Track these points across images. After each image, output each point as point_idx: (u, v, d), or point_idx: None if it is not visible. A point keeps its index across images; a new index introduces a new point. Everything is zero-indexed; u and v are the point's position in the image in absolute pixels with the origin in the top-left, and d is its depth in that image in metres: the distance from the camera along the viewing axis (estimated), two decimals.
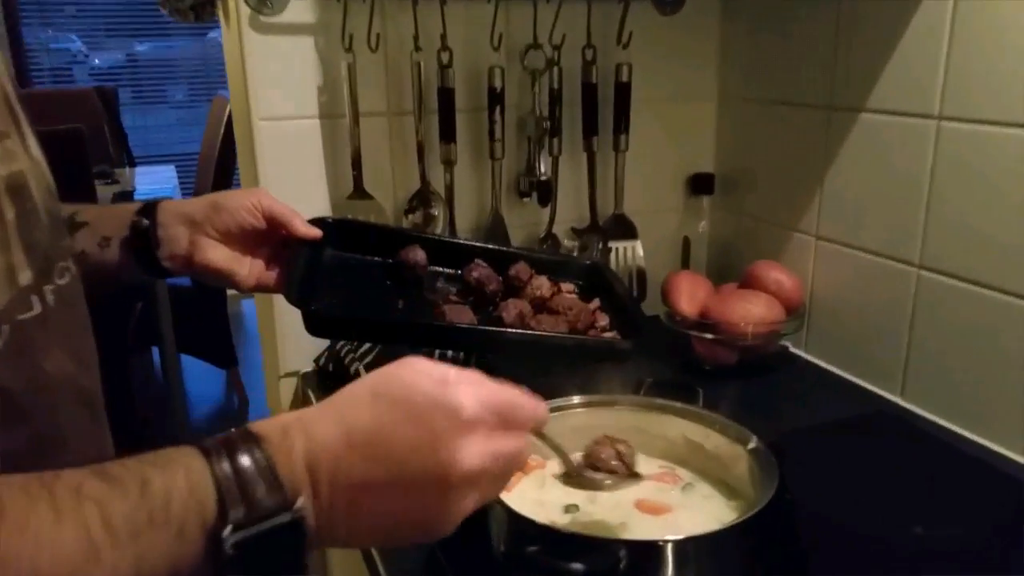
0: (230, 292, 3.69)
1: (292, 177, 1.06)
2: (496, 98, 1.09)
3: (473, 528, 0.63)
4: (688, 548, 0.57)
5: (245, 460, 0.41)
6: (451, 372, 0.46)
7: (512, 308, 0.81)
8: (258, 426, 0.43)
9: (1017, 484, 0.83)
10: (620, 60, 1.14)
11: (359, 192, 1.06)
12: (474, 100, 1.11)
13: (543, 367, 0.78)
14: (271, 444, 0.42)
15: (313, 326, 0.72)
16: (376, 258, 0.90)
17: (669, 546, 0.57)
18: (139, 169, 3.51)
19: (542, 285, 0.89)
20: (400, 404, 0.44)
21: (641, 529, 0.66)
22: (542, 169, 1.15)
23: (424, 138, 1.08)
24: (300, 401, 1.13)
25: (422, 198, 1.10)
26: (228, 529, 0.39)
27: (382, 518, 0.44)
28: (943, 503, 0.80)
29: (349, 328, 0.79)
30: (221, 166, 2.33)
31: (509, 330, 0.79)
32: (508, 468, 0.48)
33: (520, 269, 0.91)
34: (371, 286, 0.85)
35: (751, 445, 0.69)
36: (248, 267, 0.78)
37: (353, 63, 1.02)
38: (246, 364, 3.37)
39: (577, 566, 0.54)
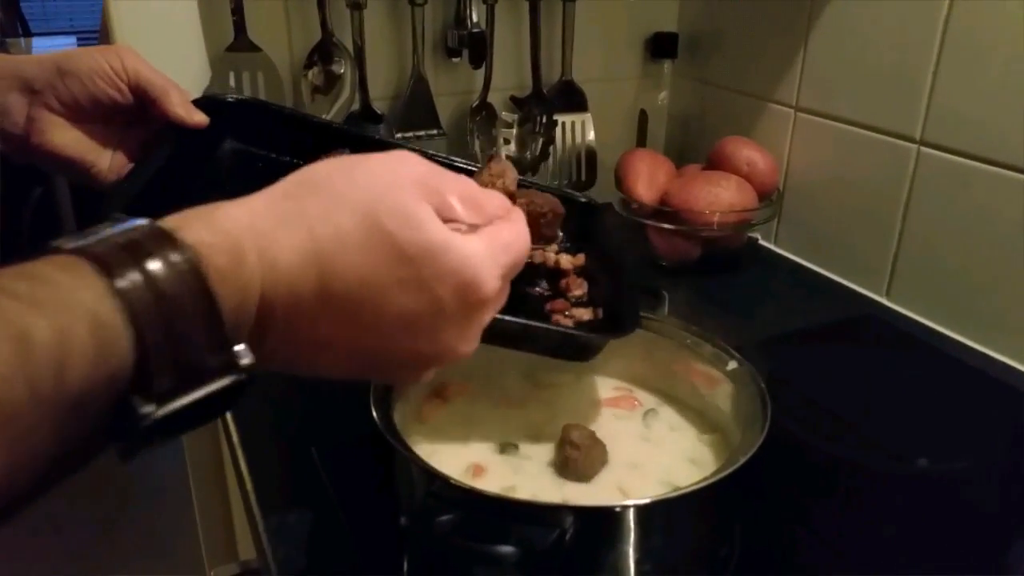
0: None
1: (155, 24, 0.83)
2: None
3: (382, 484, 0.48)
4: (657, 513, 0.42)
5: (174, 300, 0.27)
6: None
7: None
8: (187, 233, 0.29)
9: (1018, 395, 0.71)
10: None
11: (242, 42, 0.85)
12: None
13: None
14: (217, 271, 0.29)
15: None
16: (294, 160, 0.61)
17: (630, 511, 0.42)
18: (36, 41, 3.14)
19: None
20: (404, 257, 0.33)
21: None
22: (474, 19, 0.94)
23: None
24: None
25: (323, 52, 0.89)
26: (149, 407, 0.26)
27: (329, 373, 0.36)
28: (946, 427, 0.67)
29: None
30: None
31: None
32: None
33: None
34: (216, 182, 0.61)
35: (730, 367, 0.54)
36: (109, 157, 0.57)
37: None
38: None
39: (507, 549, 0.38)
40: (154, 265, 0.26)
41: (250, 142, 0.61)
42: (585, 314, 0.53)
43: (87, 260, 0.26)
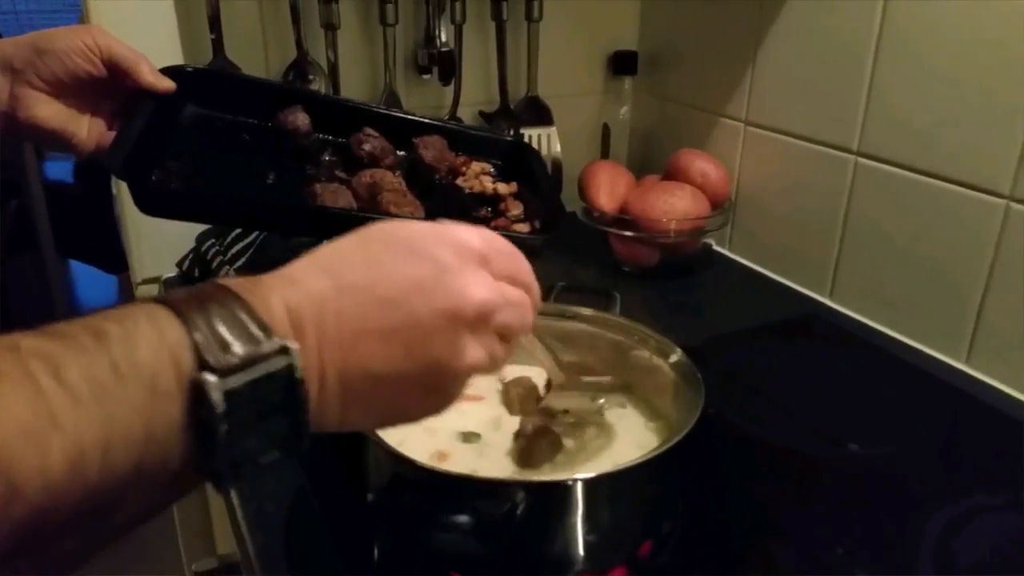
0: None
1: (134, 43, 0.87)
2: None
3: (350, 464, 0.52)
4: (601, 487, 0.48)
5: (215, 307, 0.31)
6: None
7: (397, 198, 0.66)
8: (221, 280, 0.33)
9: (953, 391, 0.77)
10: None
11: (220, 60, 0.89)
12: None
13: None
14: (243, 291, 0.32)
15: (143, 201, 0.57)
16: (250, 120, 0.72)
17: (579, 485, 0.47)
18: None
19: (462, 168, 0.74)
20: (397, 244, 0.37)
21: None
22: (443, 39, 1.00)
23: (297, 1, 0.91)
24: None
25: (299, 70, 0.94)
26: (213, 377, 0.29)
27: (382, 382, 0.35)
28: (878, 415, 0.73)
29: (189, 204, 0.62)
30: None
31: (385, 217, 0.64)
32: (519, 320, 0.39)
33: (429, 142, 0.73)
34: (238, 155, 0.68)
35: (673, 359, 0.59)
36: (87, 126, 0.62)
37: None
38: None
39: (463, 519, 0.43)
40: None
41: (211, 107, 0.69)
42: (524, 228, 0.67)
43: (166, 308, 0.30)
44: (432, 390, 0.37)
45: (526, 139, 1.09)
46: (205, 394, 0.29)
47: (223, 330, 0.30)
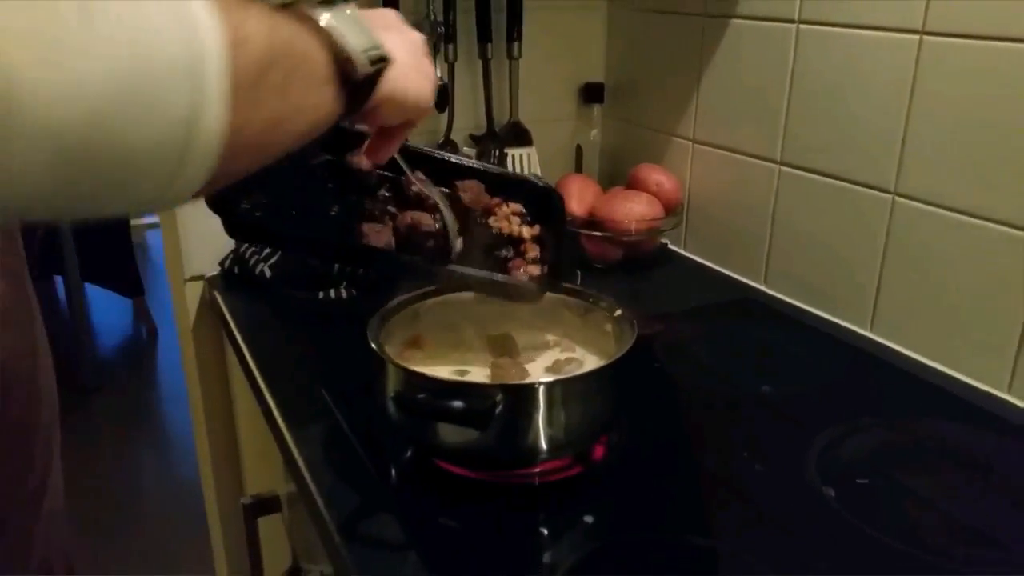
0: (134, 221, 3.59)
1: None
2: (390, 1, 1.12)
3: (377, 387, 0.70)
4: (556, 389, 0.66)
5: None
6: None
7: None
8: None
9: (857, 351, 0.95)
10: None
11: None
12: (367, 2, 1.14)
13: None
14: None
15: (229, 230, 0.73)
16: (324, 156, 0.82)
17: (540, 387, 0.65)
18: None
19: (495, 209, 0.83)
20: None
21: None
22: (438, 75, 1.19)
23: None
24: (208, 305, 1.16)
25: None
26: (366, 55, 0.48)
27: (411, 66, 0.58)
28: (791, 368, 0.92)
29: (263, 236, 0.79)
30: None
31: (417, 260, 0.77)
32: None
33: (468, 186, 0.82)
34: (310, 188, 0.81)
35: (616, 313, 0.77)
36: None
37: None
38: (153, 295, 3.32)
39: (457, 404, 0.61)
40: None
41: None
42: (535, 270, 0.78)
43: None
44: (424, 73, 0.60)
45: (509, 159, 1.28)
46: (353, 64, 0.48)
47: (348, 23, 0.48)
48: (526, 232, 0.80)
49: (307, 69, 0.44)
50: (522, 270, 0.78)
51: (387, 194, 0.82)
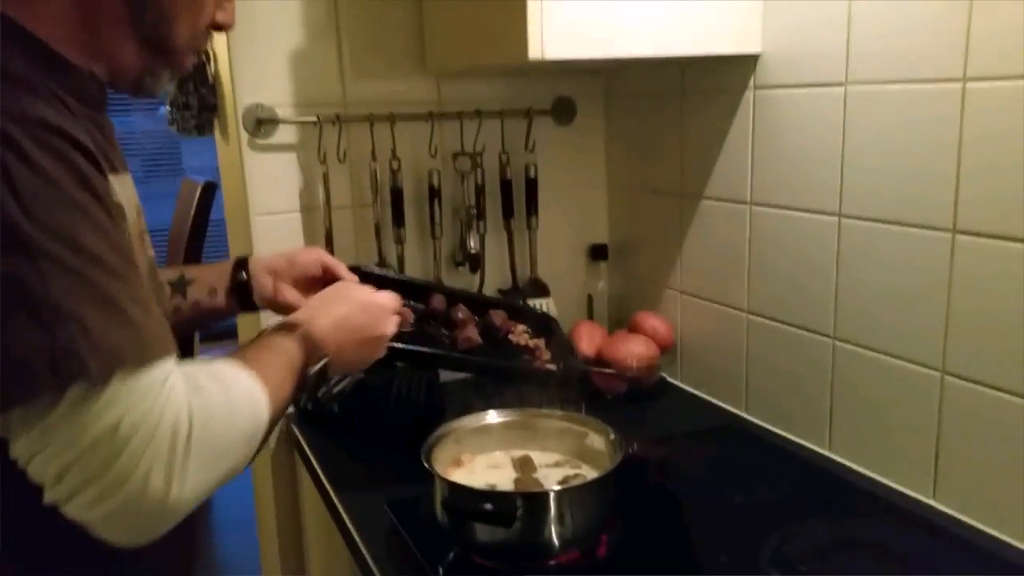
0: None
1: (281, 246, 1.36)
2: (435, 192, 1.43)
3: (425, 498, 0.93)
4: (564, 496, 0.89)
5: (307, 337, 0.83)
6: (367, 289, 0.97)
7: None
8: (303, 328, 0.84)
9: (814, 466, 1.16)
10: (528, 161, 1.49)
11: None
12: (418, 194, 1.45)
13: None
14: (310, 330, 0.84)
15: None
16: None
17: (551, 494, 0.88)
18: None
19: (512, 328, 1.20)
20: (354, 301, 0.94)
21: None
22: (472, 244, 1.48)
23: (380, 223, 1.41)
24: (285, 436, 1.41)
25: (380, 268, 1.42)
26: (311, 369, 0.82)
27: (353, 347, 0.91)
28: (761, 481, 1.13)
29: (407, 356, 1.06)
30: (192, 242, 2.60)
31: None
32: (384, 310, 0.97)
33: (498, 315, 1.20)
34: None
35: (612, 436, 1.01)
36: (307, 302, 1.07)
37: (327, 171, 1.35)
38: None
39: (489, 506, 0.85)
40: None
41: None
42: (552, 366, 1.11)
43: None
44: (371, 345, 0.93)
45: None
46: (306, 375, 0.81)
47: (314, 345, 0.82)
48: (532, 343, 1.17)
49: (294, 374, 0.80)
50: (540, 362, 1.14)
51: (437, 323, 1.17)
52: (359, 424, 1.31)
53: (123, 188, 0.74)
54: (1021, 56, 0.86)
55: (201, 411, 0.64)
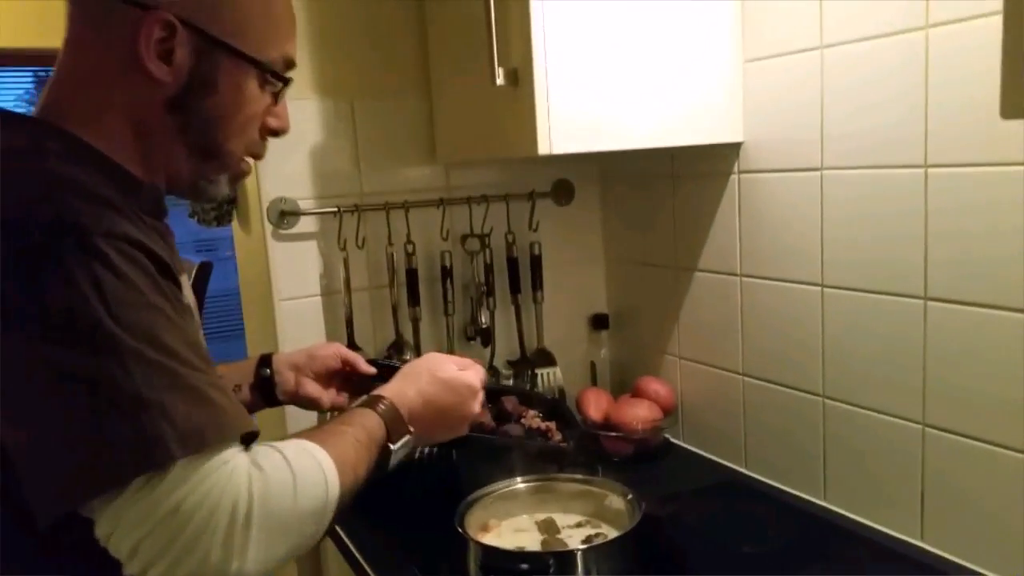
0: None
1: (304, 337, 1.46)
2: (447, 272, 1.54)
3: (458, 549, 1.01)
4: (590, 553, 0.97)
5: (392, 413, 0.89)
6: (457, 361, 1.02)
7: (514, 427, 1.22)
8: (389, 400, 0.91)
9: (811, 515, 1.25)
10: (532, 240, 1.60)
11: (351, 345, 1.47)
12: (431, 274, 1.55)
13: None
14: (395, 406, 0.90)
15: None
16: None
17: (579, 552, 0.97)
18: None
19: (523, 413, 1.27)
20: (441, 381, 0.98)
21: None
22: (483, 319, 1.58)
23: (396, 303, 1.51)
24: None
25: (396, 347, 1.52)
26: (393, 445, 0.88)
27: (438, 426, 0.97)
28: (764, 532, 1.22)
29: None
30: None
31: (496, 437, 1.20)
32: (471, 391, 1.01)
33: (510, 401, 1.27)
34: None
35: (629, 497, 1.10)
36: (327, 394, 1.15)
37: (347, 256, 1.45)
38: None
39: (524, 566, 0.93)
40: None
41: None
42: (563, 442, 1.17)
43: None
44: (456, 424, 0.99)
45: (539, 378, 1.64)
46: (390, 451, 0.86)
47: (395, 422, 0.88)
48: (544, 426, 1.23)
49: (373, 449, 0.86)
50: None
51: None
52: (380, 494, 1.38)
53: (185, 289, 0.83)
54: (970, 145, 0.99)
55: (262, 490, 0.70)
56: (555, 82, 1.16)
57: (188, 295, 0.83)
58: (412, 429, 0.90)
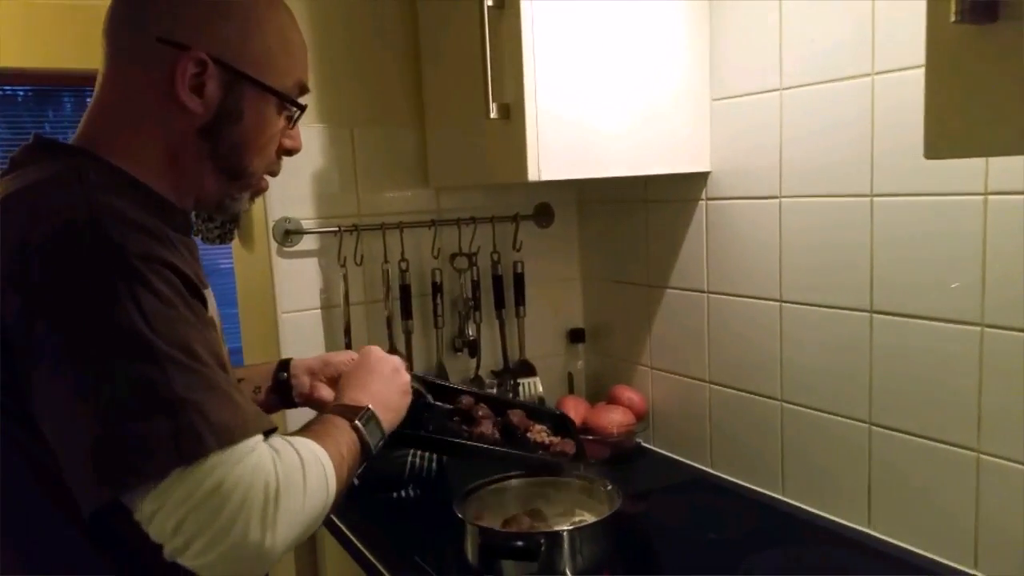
0: None
1: (304, 347, 1.56)
2: (437, 288, 1.65)
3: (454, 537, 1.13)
4: (575, 534, 1.10)
5: (341, 408, 0.95)
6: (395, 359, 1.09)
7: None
8: (347, 404, 0.96)
9: (770, 508, 1.39)
10: (515, 259, 1.73)
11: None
12: (422, 290, 1.67)
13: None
14: (343, 399, 0.98)
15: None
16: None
17: (565, 533, 1.09)
18: None
19: (530, 427, 1.31)
20: (379, 367, 1.06)
21: None
22: (470, 332, 1.70)
23: (391, 316, 1.62)
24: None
25: None
26: (360, 421, 0.93)
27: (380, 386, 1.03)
28: (727, 522, 1.35)
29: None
30: None
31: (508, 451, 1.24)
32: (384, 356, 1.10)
33: (516, 414, 1.31)
34: (423, 413, 1.23)
35: (608, 487, 1.22)
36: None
37: (346, 273, 1.57)
38: None
39: (520, 543, 1.05)
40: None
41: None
42: (572, 452, 1.24)
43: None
44: (391, 375, 1.05)
45: (520, 387, 1.76)
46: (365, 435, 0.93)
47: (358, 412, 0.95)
48: (550, 439, 1.28)
49: (354, 452, 0.92)
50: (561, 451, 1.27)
51: (458, 419, 1.29)
52: (378, 495, 1.49)
53: (210, 302, 0.91)
54: (909, 178, 1.14)
55: (284, 470, 0.78)
56: (544, 116, 1.29)
57: (212, 308, 0.91)
58: (366, 403, 0.97)
